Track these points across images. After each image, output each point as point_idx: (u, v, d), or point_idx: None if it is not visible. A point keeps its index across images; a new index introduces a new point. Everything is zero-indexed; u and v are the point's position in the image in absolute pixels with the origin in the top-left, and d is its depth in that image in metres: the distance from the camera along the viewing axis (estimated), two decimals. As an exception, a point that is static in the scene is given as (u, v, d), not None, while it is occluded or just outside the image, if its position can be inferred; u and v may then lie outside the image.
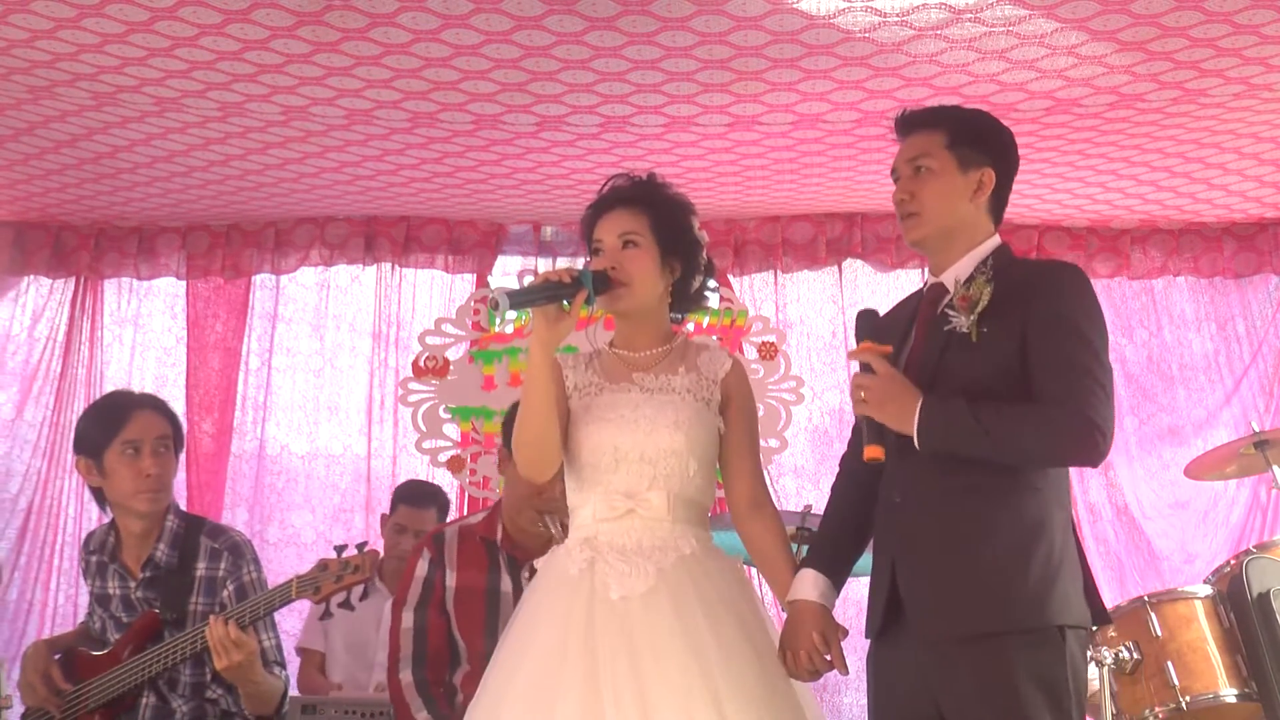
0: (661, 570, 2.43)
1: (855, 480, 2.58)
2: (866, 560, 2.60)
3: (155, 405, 3.34)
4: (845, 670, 2.47)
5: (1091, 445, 2.31)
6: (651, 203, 2.61)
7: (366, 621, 4.21)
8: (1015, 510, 2.33)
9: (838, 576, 2.52)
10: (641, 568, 2.42)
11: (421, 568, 3.38)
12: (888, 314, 2.66)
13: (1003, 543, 2.31)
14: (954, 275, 2.48)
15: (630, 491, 2.50)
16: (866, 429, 2.37)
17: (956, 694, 2.30)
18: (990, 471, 2.33)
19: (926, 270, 2.63)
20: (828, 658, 2.43)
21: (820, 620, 2.44)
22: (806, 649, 2.41)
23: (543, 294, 2.42)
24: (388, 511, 4.58)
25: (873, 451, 2.36)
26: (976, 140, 2.53)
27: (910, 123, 2.59)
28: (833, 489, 2.67)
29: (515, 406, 3.55)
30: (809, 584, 2.49)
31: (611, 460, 2.51)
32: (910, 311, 2.57)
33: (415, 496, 4.51)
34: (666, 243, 2.58)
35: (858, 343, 2.44)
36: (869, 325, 2.46)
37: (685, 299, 2.68)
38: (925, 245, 2.54)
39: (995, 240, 2.52)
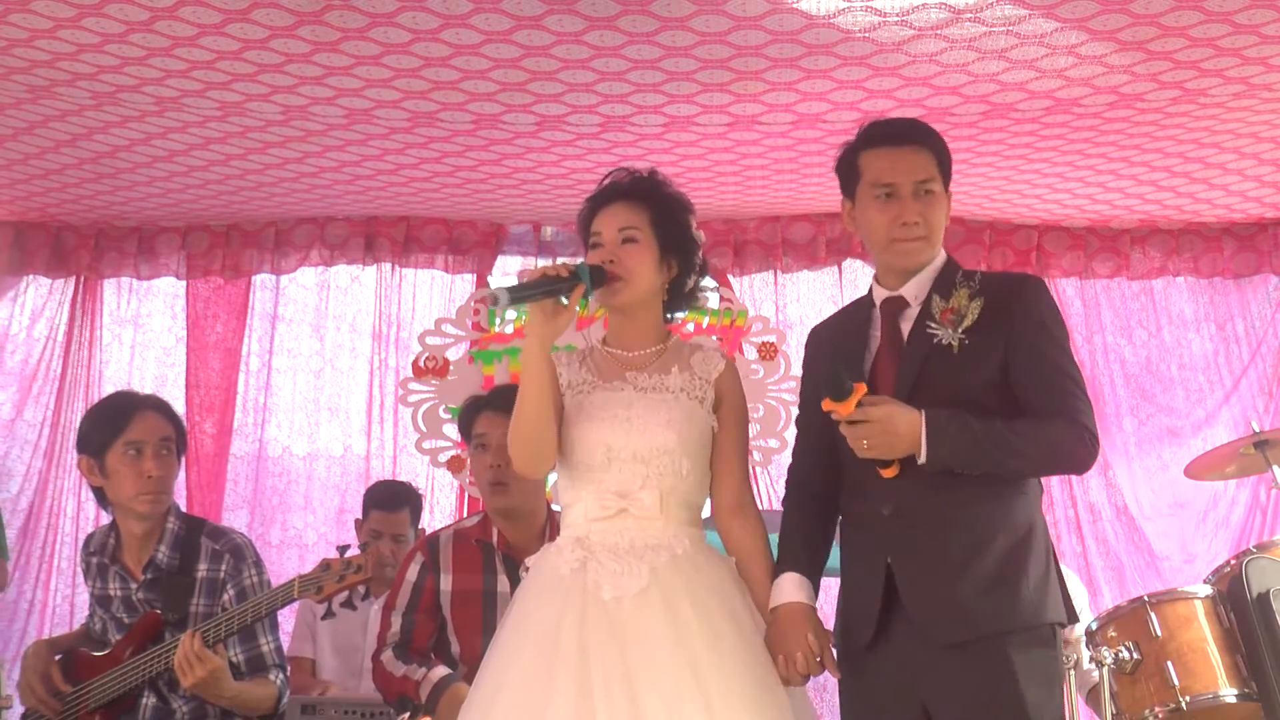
0: (654, 570, 2.42)
1: (809, 491, 2.61)
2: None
3: (158, 406, 3.34)
4: (837, 672, 2.48)
5: (1088, 452, 2.41)
6: (651, 199, 2.61)
7: (354, 627, 4.20)
8: (1009, 514, 2.39)
9: (815, 579, 2.53)
10: (634, 568, 2.42)
11: (412, 572, 3.40)
12: (832, 325, 2.72)
13: (1003, 546, 2.35)
14: (914, 290, 2.51)
15: (623, 490, 2.50)
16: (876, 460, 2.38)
17: (952, 696, 2.32)
18: (985, 479, 2.37)
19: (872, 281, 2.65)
20: (818, 660, 2.43)
21: (812, 623, 2.45)
22: (802, 652, 2.41)
23: (540, 288, 2.42)
24: (360, 517, 4.55)
25: (892, 470, 2.38)
26: (949, 162, 2.57)
27: (911, 135, 2.56)
28: (786, 501, 2.67)
29: (471, 401, 3.58)
30: (793, 586, 2.48)
31: (604, 459, 2.51)
32: (860, 324, 2.58)
33: (386, 500, 4.45)
34: (665, 239, 2.59)
35: (833, 400, 2.36)
36: (829, 383, 2.38)
37: (680, 298, 2.68)
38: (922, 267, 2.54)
39: (943, 254, 2.57)
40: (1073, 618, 2.44)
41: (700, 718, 2.26)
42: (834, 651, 2.48)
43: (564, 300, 2.44)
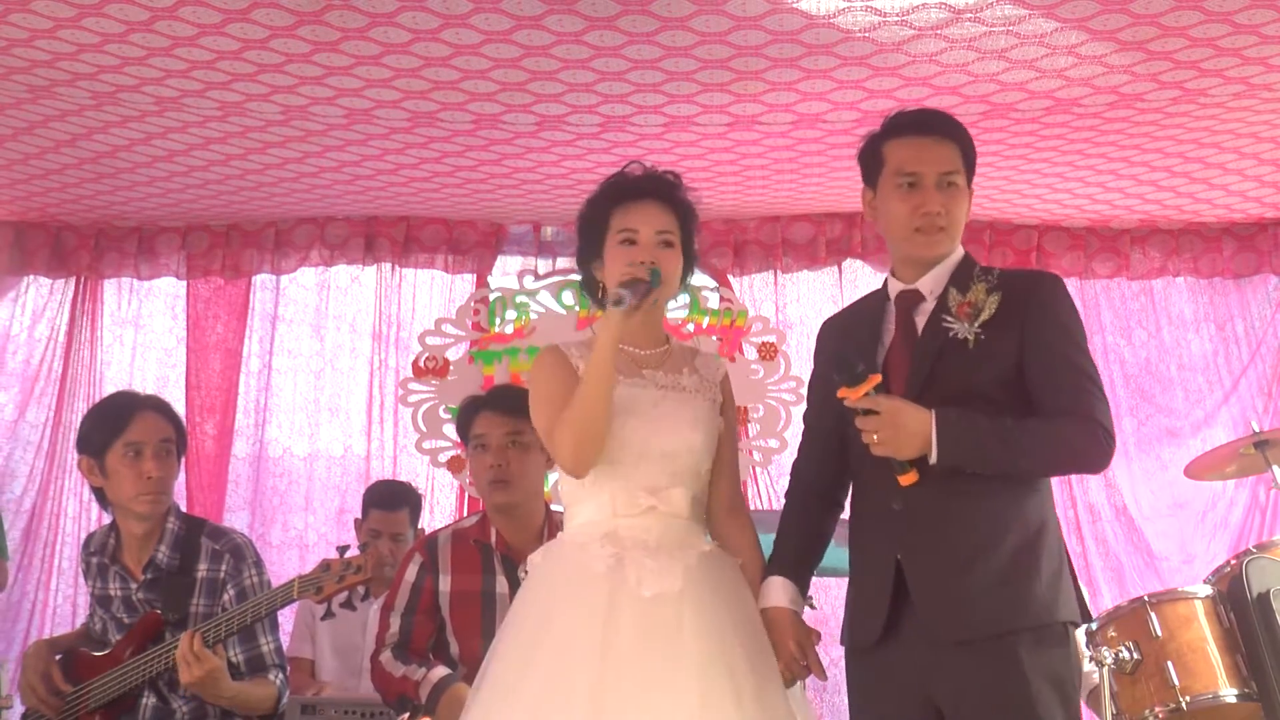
0: (687, 569, 2.43)
1: (813, 490, 2.62)
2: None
3: (158, 407, 3.34)
4: (823, 676, 2.50)
5: (1102, 450, 2.38)
6: (680, 204, 2.63)
7: (354, 627, 4.20)
8: (1021, 511, 2.37)
9: (803, 582, 2.54)
10: (669, 567, 2.42)
11: (411, 572, 3.39)
12: (845, 317, 2.69)
13: (1014, 543, 2.34)
14: (930, 284, 2.49)
15: (653, 488, 2.50)
16: (895, 463, 2.34)
17: (963, 694, 2.31)
18: (996, 476, 2.35)
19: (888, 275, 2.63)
20: (803, 664, 2.45)
21: (796, 628, 2.46)
22: (785, 658, 2.43)
23: (646, 291, 2.47)
24: (360, 516, 4.55)
25: (911, 477, 2.34)
26: (974, 157, 2.56)
27: (937, 126, 2.54)
28: (787, 495, 2.68)
29: (469, 402, 3.57)
30: (779, 590, 2.49)
31: (635, 455, 2.50)
32: (874, 318, 2.57)
33: (386, 499, 4.45)
34: (687, 248, 2.63)
35: (847, 385, 2.34)
36: (842, 365, 2.37)
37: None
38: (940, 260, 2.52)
39: (961, 249, 2.55)
40: (1086, 617, 2.44)
41: (731, 714, 2.28)
42: (820, 655, 2.50)
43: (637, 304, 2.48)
